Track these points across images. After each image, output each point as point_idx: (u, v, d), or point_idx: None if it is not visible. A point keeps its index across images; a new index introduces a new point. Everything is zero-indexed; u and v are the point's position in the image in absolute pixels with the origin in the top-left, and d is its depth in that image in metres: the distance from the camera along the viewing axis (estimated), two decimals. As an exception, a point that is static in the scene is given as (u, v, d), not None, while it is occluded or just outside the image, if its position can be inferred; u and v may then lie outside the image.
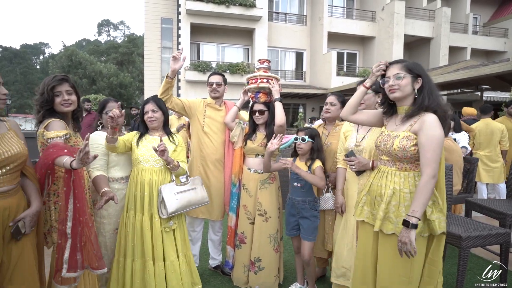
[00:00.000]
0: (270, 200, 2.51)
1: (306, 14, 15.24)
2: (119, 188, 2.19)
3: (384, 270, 1.58)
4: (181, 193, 2.16)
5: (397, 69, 1.60)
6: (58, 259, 1.61)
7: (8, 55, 42.79)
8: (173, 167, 2.13)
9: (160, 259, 2.10)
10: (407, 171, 1.59)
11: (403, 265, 1.53)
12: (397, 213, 1.54)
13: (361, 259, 1.72)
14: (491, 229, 2.25)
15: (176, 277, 2.14)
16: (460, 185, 3.29)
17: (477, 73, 7.80)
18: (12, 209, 1.46)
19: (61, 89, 1.78)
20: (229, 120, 2.63)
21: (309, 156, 2.34)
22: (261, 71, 2.60)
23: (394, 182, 1.59)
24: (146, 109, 2.21)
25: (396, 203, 1.56)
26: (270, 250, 2.48)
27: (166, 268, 2.12)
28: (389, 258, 1.56)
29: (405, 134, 1.56)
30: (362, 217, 1.72)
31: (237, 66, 13.04)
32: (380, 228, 1.57)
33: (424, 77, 1.58)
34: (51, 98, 1.75)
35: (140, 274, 2.09)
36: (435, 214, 1.53)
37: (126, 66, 32.60)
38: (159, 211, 2.12)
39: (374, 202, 1.67)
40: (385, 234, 1.58)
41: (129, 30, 51.05)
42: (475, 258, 3.09)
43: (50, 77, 1.81)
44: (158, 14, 14.39)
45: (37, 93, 1.77)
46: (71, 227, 1.58)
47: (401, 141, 1.56)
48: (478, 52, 16.02)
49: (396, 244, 1.50)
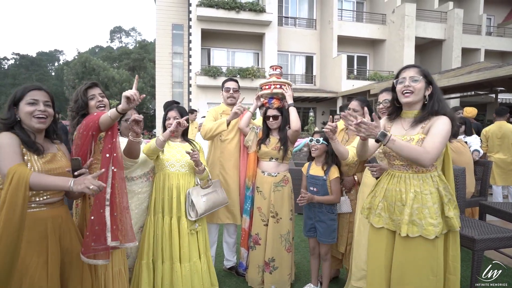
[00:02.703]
0: (282, 202, 2.57)
1: (316, 18, 15.29)
2: (140, 192, 2.27)
3: (410, 273, 1.58)
4: (206, 195, 2.27)
5: (414, 72, 1.64)
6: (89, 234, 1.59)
7: (25, 63, 44.13)
8: (200, 170, 2.24)
9: (186, 260, 2.19)
10: (424, 172, 1.61)
11: (430, 265, 1.55)
12: (420, 215, 1.56)
13: (374, 266, 1.72)
14: (505, 232, 2.25)
15: (198, 277, 2.23)
16: (473, 188, 3.27)
17: (491, 75, 7.68)
18: (63, 218, 1.56)
19: (94, 92, 1.88)
20: (243, 126, 2.72)
21: (324, 160, 2.40)
22: (274, 77, 2.67)
23: (413, 185, 1.61)
24: (169, 115, 2.32)
25: (419, 206, 1.57)
26: (282, 250, 2.54)
27: (190, 269, 2.21)
28: (415, 261, 1.56)
29: (419, 137, 1.59)
30: (381, 224, 1.71)
31: (247, 71, 13.16)
32: (407, 232, 1.57)
33: (434, 85, 1.63)
34: (85, 102, 1.85)
35: (168, 276, 2.18)
36: (452, 211, 1.57)
37: (137, 71, 33.24)
38: (187, 213, 2.22)
39: (394, 208, 1.66)
40: (409, 238, 1.57)
41: (140, 37, 52.05)
42: (489, 262, 3.05)
43: (82, 84, 1.92)
44: (169, 21, 14.68)
45: (71, 102, 1.88)
46: (110, 194, 1.62)
47: (417, 143, 1.58)
48: (492, 53, 15.72)
49: (422, 248, 1.54)
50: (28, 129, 1.51)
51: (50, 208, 1.52)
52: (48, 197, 1.50)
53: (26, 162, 1.43)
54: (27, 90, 1.51)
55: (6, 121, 1.47)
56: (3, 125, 1.47)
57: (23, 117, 1.49)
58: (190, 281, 2.20)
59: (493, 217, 2.97)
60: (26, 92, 1.50)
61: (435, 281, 1.55)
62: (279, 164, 2.61)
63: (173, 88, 14.75)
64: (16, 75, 41.59)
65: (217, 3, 12.80)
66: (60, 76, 39.93)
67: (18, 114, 1.50)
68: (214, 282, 2.39)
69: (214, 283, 2.39)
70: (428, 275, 1.55)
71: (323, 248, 2.42)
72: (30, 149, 1.46)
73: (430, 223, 1.53)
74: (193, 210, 2.21)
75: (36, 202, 1.47)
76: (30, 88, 1.51)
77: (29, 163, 1.44)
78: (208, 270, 2.34)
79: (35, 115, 1.49)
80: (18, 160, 1.38)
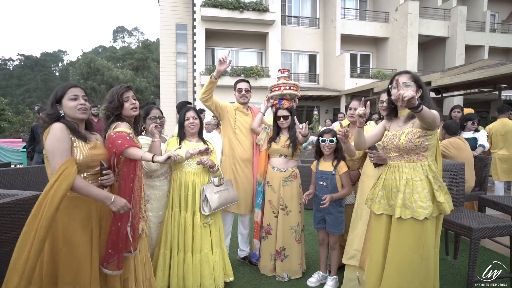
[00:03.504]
0: (291, 196, 2.75)
1: (319, 17, 15.40)
2: (160, 185, 2.47)
3: (398, 253, 1.80)
4: (219, 192, 2.46)
5: (406, 78, 1.85)
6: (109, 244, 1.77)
7: (30, 64, 44.60)
8: (214, 171, 2.45)
9: (197, 251, 2.39)
10: (415, 162, 1.83)
11: (418, 244, 1.75)
12: (411, 199, 1.78)
13: (376, 249, 1.93)
14: (500, 221, 2.42)
15: (208, 268, 2.42)
16: (473, 182, 3.42)
17: (494, 73, 7.78)
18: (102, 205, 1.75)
19: (128, 95, 2.04)
20: (255, 126, 2.92)
21: (333, 156, 2.59)
22: (283, 79, 2.87)
23: (405, 173, 1.83)
24: (187, 116, 2.50)
25: (410, 191, 1.79)
26: (293, 241, 2.72)
27: (201, 259, 2.40)
28: (407, 240, 1.77)
29: (409, 130, 1.82)
30: (381, 211, 1.92)
31: (251, 70, 13.32)
32: (400, 214, 1.79)
33: (423, 88, 1.85)
34: (121, 104, 2.00)
35: (181, 265, 2.39)
36: (443, 196, 1.77)
37: (141, 71, 33.52)
38: (201, 208, 2.41)
39: (390, 195, 1.88)
40: (402, 220, 1.79)
41: (143, 36, 52.37)
42: (488, 252, 3.22)
43: (117, 87, 2.08)
44: (173, 21, 14.83)
45: (106, 102, 2.03)
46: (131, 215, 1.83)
47: (407, 135, 1.81)
48: (497, 50, 15.75)
49: (413, 228, 1.75)
50: (72, 120, 1.71)
51: None
52: (90, 182, 1.72)
53: (75, 148, 1.64)
54: (67, 88, 1.72)
55: (52, 116, 1.68)
56: (49, 119, 1.68)
57: (67, 111, 1.70)
58: (200, 270, 2.39)
59: (495, 211, 3.12)
60: (66, 89, 1.72)
61: (420, 259, 1.76)
62: (288, 161, 2.79)
63: (177, 88, 14.91)
64: (21, 76, 42.07)
65: (221, 3, 12.95)
66: (64, 76, 40.28)
67: (61, 109, 1.71)
68: (229, 273, 2.57)
69: (228, 274, 2.56)
70: (416, 252, 1.76)
71: (332, 238, 2.60)
72: (78, 137, 1.67)
73: (420, 205, 1.75)
74: (207, 206, 2.41)
75: None
76: (69, 86, 1.74)
77: (78, 149, 1.65)
78: (222, 261, 2.52)
79: (78, 108, 1.70)
80: (68, 156, 1.60)
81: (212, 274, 2.44)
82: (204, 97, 2.78)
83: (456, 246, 2.97)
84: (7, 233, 2.45)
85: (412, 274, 1.75)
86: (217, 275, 2.47)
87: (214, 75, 2.70)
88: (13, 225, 2.50)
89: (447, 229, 2.69)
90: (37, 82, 41.53)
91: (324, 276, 2.68)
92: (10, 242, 2.48)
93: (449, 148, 3.55)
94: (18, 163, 8.89)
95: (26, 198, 2.64)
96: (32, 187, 3.80)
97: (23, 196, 2.65)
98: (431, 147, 1.82)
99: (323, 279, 2.66)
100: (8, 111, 12.85)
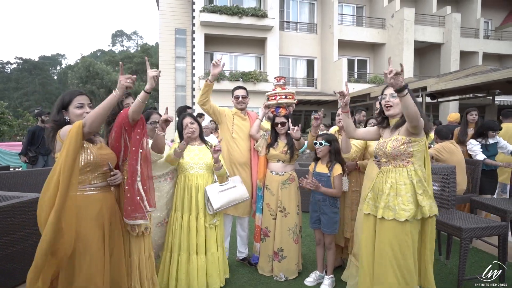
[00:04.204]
0: (289, 198, 2.84)
1: (317, 22, 15.61)
2: (158, 186, 2.54)
3: (382, 250, 1.92)
4: (223, 191, 2.54)
5: (392, 89, 1.95)
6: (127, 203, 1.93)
7: (28, 67, 44.52)
8: (219, 166, 2.52)
9: (202, 252, 2.46)
10: (401, 167, 1.94)
11: (400, 244, 1.87)
12: (395, 202, 1.90)
13: (365, 246, 2.06)
14: (489, 222, 2.53)
15: (215, 268, 2.50)
16: (465, 185, 3.53)
17: (487, 79, 7.96)
18: (112, 200, 1.87)
19: (129, 102, 2.15)
20: (254, 132, 3.02)
21: (328, 159, 2.68)
22: (279, 88, 2.96)
23: (391, 177, 1.96)
24: (184, 123, 2.59)
25: (394, 194, 1.92)
26: (290, 241, 2.81)
27: (207, 260, 2.47)
28: (387, 239, 1.90)
29: (395, 137, 1.95)
30: (368, 210, 2.07)
31: (250, 75, 13.45)
32: (382, 215, 1.92)
33: (412, 97, 1.91)
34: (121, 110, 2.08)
35: (185, 267, 2.44)
36: (426, 201, 1.88)
37: (140, 75, 33.62)
38: (207, 208, 2.50)
39: (377, 197, 2.02)
40: (384, 221, 1.92)
41: (142, 40, 52.48)
42: (480, 253, 3.33)
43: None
44: (172, 25, 14.97)
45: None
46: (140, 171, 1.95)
47: (392, 142, 1.94)
48: (490, 56, 16.01)
49: (394, 229, 1.87)
50: None
51: (103, 191, 1.83)
52: (100, 181, 1.82)
53: (86, 148, 1.74)
54: (74, 96, 1.80)
55: (58, 122, 1.77)
56: (55, 125, 1.77)
57: (73, 118, 1.78)
58: (206, 271, 2.46)
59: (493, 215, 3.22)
60: (73, 97, 1.80)
61: (403, 258, 1.87)
62: (286, 165, 2.89)
63: (176, 92, 15.00)
64: (19, 79, 41.97)
65: (220, 8, 13.11)
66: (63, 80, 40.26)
67: (67, 115, 1.79)
68: (226, 270, 2.68)
69: (226, 271, 2.68)
70: (398, 252, 1.87)
71: (327, 238, 2.69)
72: (87, 140, 1.76)
73: (402, 208, 1.87)
74: (211, 205, 2.48)
75: (93, 185, 1.79)
76: (76, 94, 1.81)
77: (88, 150, 1.75)
78: (223, 260, 2.62)
79: (83, 117, 1.77)
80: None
81: (218, 273, 2.52)
82: (202, 100, 2.88)
83: (448, 247, 3.07)
84: (10, 235, 2.53)
85: (394, 271, 1.87)
86: (222, 274, 2.57)
87: (209, 78, 2.81)
88: (16, 227, 2.58)
89: (439, 230, 2.78)
90: (35, 85, 41.46)
91: (321, 275, 2.76)
92: (14, 243, 2.56)
93: (441, 152, 3.67)
94: (17, 166, 8.92)
95: (31, 200, 2.72)
96: (36, 189, 3.87)
97: (27, 199, 2.73)
98: (417, 153, 1.93)
99: (320, 278, 2.75)
100: (8, 115, 12.88)
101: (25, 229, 2.65)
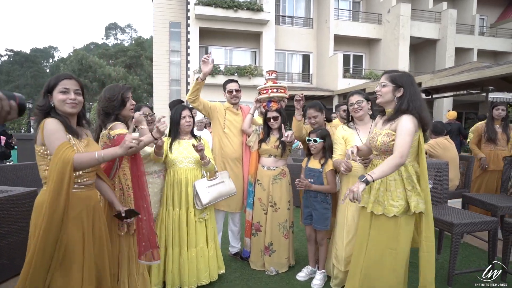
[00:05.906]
0: (280, 193, 2.83)
1: (313, 17, 15.52)
2: (153, 182, 2.51)
3: (374, 244, 1.92)
4: (212, 186, 2.51)
5: (384, 78, 1.94)
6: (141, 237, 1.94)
7: (19, 59, 43.74)
8: (206, 162, 2.48)
9: (193, 245, 2.45)
10: None
11: (390, 238, 1.87)
12: (384, 197, 1.88)
13: (360, 237, 2.06)
14: (480, 217, 2.54)
15: (204, 261, 2.49)
16: (458, 181, 3.55)
17: (481, 75, 7.97)
18: (95, 198, 1.76)
19: (129, 95, 2.03)
20: (246, 127, 2.98)
21: (322, 154, 2.65)
22: (270, 81, 2.91)
23: None
24: (184, 114, 2.54)
25: (384, 189, 1.90)
26: (280, 236, 2.81)
27: (197, 253, 2.46)
28: (379, 234, 1.90)
29: (386, 132, 1.89)
30: (363, 203, 2.05)
31: (245, 69, 13.36)
32: (372, 209, 1.92)
33: (406, 88, 1.86)
34: (124, 103, 1.98)
35: (177, 260, 2.44)
36: (414, 197, 1.85)
37: (134, 69, 33.21)
38: (195, 203, 2.47)
39: (369, 190, 2.00)
40: (376, 215, 1.92)
41: (136, 33, 51.77)
42: (470, 248, 3.36)
43: (120, 86, 2.01)
44: (166, 18, 14.78)
45: (104, 100, 1.98)
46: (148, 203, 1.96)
47: (382, 137, 1.90)
48: (485, 53, 16.09)
49: (384, 222, 1.87)
50: (62, 114, 1.62)
51: (88, 189, 1.70)
52: (87, 179, 1.68)
53: (72, 145, 1.56)
54: (60, 79, 1.61)
55: (42, 108, 1.60)
56: (39, 111, 1.60)
57: (56, 104, 1.60)
58: (196, 264, 2.46)
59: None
60: (58, 81, 1.60)
61: (395, 253, 1.86)
62: (277, 160, 2.87)
63: (171, 86, 14.87)
64: (10, 72, 41.27)
65: (215, 2, 12.94)
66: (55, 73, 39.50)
67: (52, 101, 1.60)
68: (221, 265, 2.67)
69: (220, 266, 2.67)
70: (388, 247, 1.87)
71: (319, 234, 2.68)
72: (72, 133, 1.61)
73: (391, 204, 1.86)
74: (199, 200, 2.46)
75: (78, 183, 1.64)
76: (62, 77, 1.62)
77: (75, 147, 1.57)
78: (215, 255, 2.61)
79: (67, 103, 1.60)
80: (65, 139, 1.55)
81: (207, 267, 2.52)
82: (191, 98, 2.82)
83: (440, 241, 3.09)
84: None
85: (383, 265, 1.87)
86: (212, 268, 2.56)
87: (200, 77, 2.74)
88: (5, 221, 2.53)
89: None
90: (27, 78, 40.78)
91: (313, 270, 2.77)
92: (2, 238, 2.51)
93: (435, 148, 3.68)
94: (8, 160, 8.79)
95: (19, 194, 2.67)
96: (25, 183, 3.81)
97: (16, 193, 2.68)
98: (413, 147, 1.87)
99: (312, 273, 2.75)
100: None
101: (13, 224, 2.60)
